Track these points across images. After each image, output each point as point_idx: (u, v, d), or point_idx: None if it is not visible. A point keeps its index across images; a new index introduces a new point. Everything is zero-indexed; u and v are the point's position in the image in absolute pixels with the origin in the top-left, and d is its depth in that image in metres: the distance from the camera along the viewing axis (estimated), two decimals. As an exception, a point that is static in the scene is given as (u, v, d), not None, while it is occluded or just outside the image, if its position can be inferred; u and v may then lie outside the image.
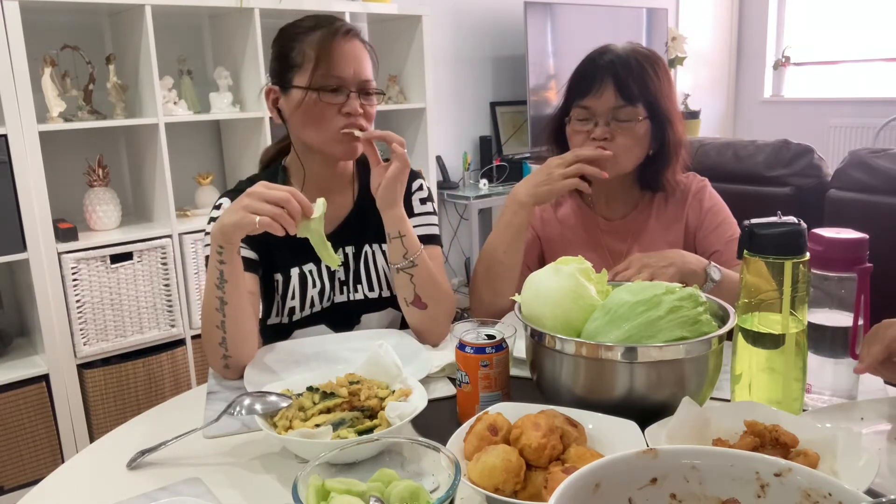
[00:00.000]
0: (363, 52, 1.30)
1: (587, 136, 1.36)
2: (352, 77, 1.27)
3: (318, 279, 1.35)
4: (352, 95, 1.27)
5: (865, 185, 1.84)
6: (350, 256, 1.38)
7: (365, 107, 1.28)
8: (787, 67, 5.04)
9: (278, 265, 1.34)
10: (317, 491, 0.65)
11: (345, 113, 1.26)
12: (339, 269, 1.37)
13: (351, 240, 1.38)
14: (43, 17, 2.41)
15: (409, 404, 0.93)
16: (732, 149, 2.09)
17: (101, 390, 2.33)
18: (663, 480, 0.59)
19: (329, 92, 1.26)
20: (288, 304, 1.34)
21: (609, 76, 1.33)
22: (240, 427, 1.00)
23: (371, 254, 1.39)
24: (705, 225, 1.43)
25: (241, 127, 2.76)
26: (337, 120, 1.27)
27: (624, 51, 1.37)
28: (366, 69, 1.29)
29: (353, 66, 1.27)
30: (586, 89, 1.35)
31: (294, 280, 1.34)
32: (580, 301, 0.95)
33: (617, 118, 1.34)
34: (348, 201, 1.40)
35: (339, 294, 1.38)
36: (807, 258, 0.91)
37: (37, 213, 2.18)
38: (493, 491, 0.74)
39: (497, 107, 3.94)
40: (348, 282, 1.38)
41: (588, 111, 1.36)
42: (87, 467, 0.95)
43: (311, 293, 1.35)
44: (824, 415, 0.92)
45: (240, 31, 2.64)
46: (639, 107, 1.34)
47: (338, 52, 1.26)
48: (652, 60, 1.37)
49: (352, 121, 1.27)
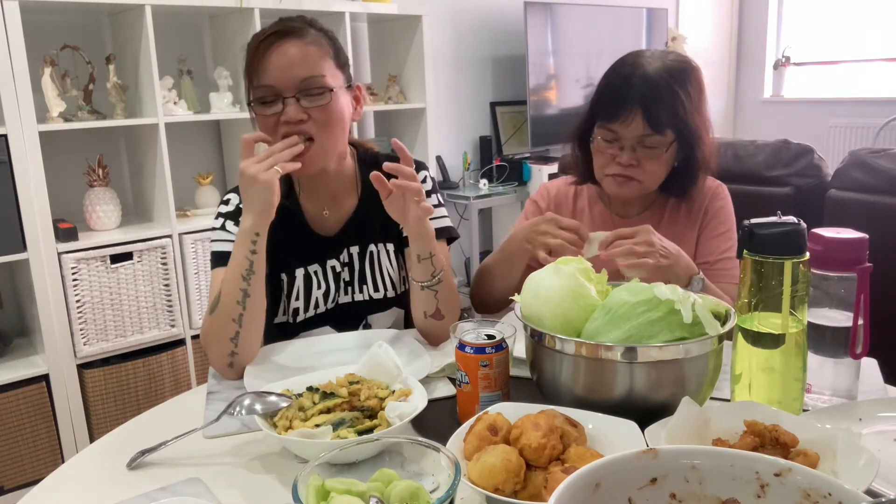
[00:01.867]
0: (302, 50, 1.20)
1: (612, 159, 1.33)
2: (286, 82, 1.18)
3: (323, 280, 1.34)
4: (287, 102, 1.18)
5: (865, 185, 1.84)
6: (355, 256, 1.36)
7: (311, 110, 1.19)
8: (787, 67, 5.04)
9: (283, 265, 1.32)
10: (317, 491, 0.65)
11: (283, 121, 1.19)
12: (344, 271, 1.35)
13: (356, 240, 1.36)
14: (43, 17, 2.41)
15: (409, 404, 0.93)
16: (732, 149, 2.09)
17: (101, 390, 2.33)
18: (663, 480, 0.59)
19: (262, 104, 1.20)
20: (292, 305, 1.33)
21: (638, 105, 1.27)
22: (240, 427, 1.00)
23: (376, 253, 1.37)
24: (708, 229, 1.42)
25: (241, 127, 2.75)
26: (279, 130, 1.20)
27: (655, 72, 1.29)
28: (305, 67, 1.19)
29: (286, 70, 1.18)
30: (614, 114, 1.30)
31: (299, 281, 1.33)
32: (580, 301, 0.95)
33: (644, 144, 1.30)
34: (352, 201, 1.36)
35: (343, 295, 1.36)
36: (807, 258, 0.91)
37: (37, 213, 2.18)
38: (493, 491, 0.74)
39: (497, 107, 3.94)
40: (353, 283, 1.36)
41: (614, 134, 1.32)
42: (87, 467, 0.95)
43: (316, 294, 1.33)
44: (824, 415, 0.92)
45: (240, 31, 2.64)
46: (667, 133, 1.29)
47: (264, 61, 1.19)
48: (683, 78, 1.31)
49: (291, 129, 1.19)
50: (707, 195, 1.43)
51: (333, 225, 1.35)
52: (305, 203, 1.35)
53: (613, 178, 1.34)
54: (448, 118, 3.76)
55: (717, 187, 1.45)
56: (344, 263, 1.36)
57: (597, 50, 4.02)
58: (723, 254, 1.39)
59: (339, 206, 1.35)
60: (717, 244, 1.40)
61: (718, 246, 1.40)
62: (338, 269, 1.35)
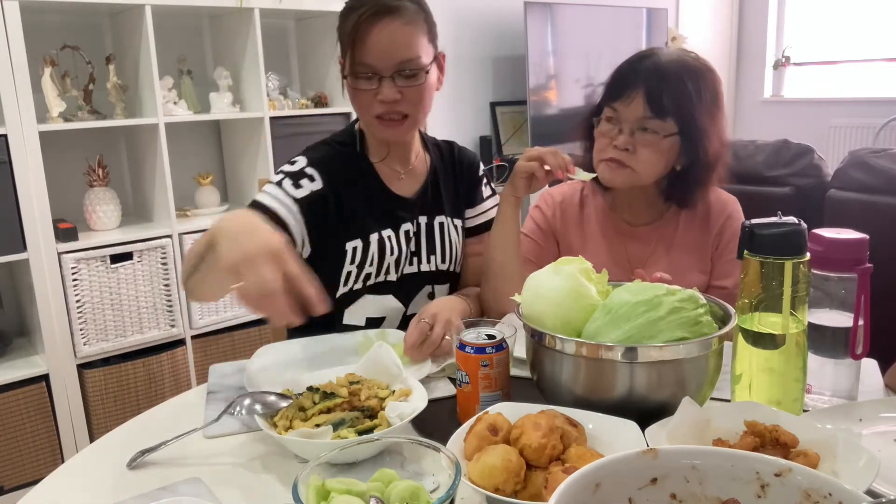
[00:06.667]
0: (401, 31, 1.24)
1: (609, 142, 1.31)
2: (385, 62, 1.23)
3: (396, 246, 1.36)
4: (384, 82, 1.24)
5: (865, 185, 1.84)
6: (422, 227, 1.39)
7: (405, 90, 1.26)
8: (787, 67, 5.04)
9: (356, 231, 1.33)
10: (317, 491, 0.65)
11: (379, 100, 1.25)
12: (412, 240, 1.38)
13: (425, 210, 1.40)
14: (43, 17, 2.41)
15: (409, 404, 0.93)
16: (732, 149, 2.08)
17: (101, 390, 2.33)
18: (663, 480, 0.59)
19: (362, 79, 1.26)
20: (365, 271, 1.34)
21: (641, 83, 1.27)
22: (240, 427, 1.00)
23: (446, 226, 1.41)
24: (725, 252, 1.38)
25: (241, 127, 2.76)
26: (374, 106, 1.26)
27: (668, 58, 1.29)
28: (404, 50, 1.24)
29: (386, 51, 1.23)
30: (618, 92, 1.30)
31: (373, 247, 1.34)
32: (580, 301, 0.95)
33: (643, 128, 1.28)
34: (421, 172, 1.42)
35: (408, 266, 1.39)
36: (807, 258, 0.91)
37: (37, 213, 2.18)
38: (494, 491, 0.74)
39: (497, 107, 3.94)
40: (419, 253, 1.39)
41: (616, 114, 1.31)
42: (87, 467, 0.95)
43: (389, 260, 1.35)
44: (824, 415, 0.92)
45: (240, 31, 2.64)
46: (668, 122, 1.27)
47: (368, 39, 1.22)
48: (697, 73, 1.29)
49: (387, 108, 1.26)
50: (723, 213, 1.40)
51: (410, 187, 1.40)
52: (381, 166, 1.39)
53: (607, 164, 1.32)
54: (448, 118, 3.76)
55: (732, 204, 1.42)
56: (414, 232, 1.39)
57: (597, 50, 4.02)
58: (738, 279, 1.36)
59: (414, 171, 1.41)
60: (734, 269, 1.35)
61: (734, 271, 1.35)
62: (411, 234, 1.38)
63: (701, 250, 1.39)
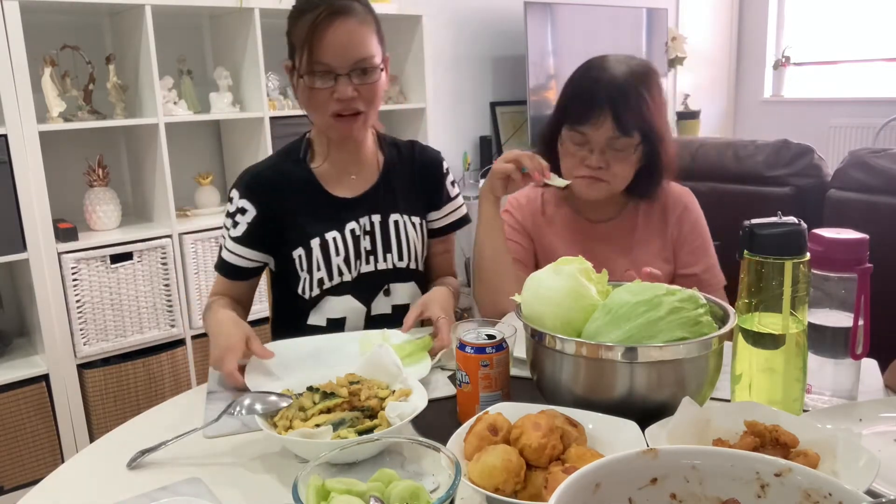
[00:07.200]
0: (356, 31, 1.27)
1: (581, 161, 1.34)
2: (341, 60, 1.26)
3: (342, 246, 1.37)
4: (340, 80, 1.27)
5: (865, 185, 1.83)
6: (377, 225, 1.40)
7: (360, 88, 1.28)
8: (787, 67, 5.04)
9: (299, 239, 1.36)
10: (317, 491, 0.65)
11: (336, 98, 1.28)
12: (366, 239, 1.39)
13: (378, 208, 1.41)
14: (43, 17, 2.41)
15: (409, 404, 0.93)
16: (732, 149, 2.09)
17: (101, 390, 2.33)
18: (663, 480, 0.59)
19: (318, 78, 1.27)
20: (315, 277, 1.36)
21: (607, 107, 1.30)
22: (240, 427, 1.00)
23: (401, 224, 1.42)
24: (687, 242, 1.44)
25: (241, 127, 2.76)
26: (330, 105, 1.29)
27: (622, 75, 1.32)
28: (359, 49, 1.27)
29: (343, 49, 1.26)
30: (584, 117, 1.32)
31: (316, 251, 1.36)
32: (580, 301, 0.95)
33: (613, 147, 1.32)
34: (373, 172, 1.43)
35: (364, 265, 1.39)
36: (807, 258, 0.91)
37: (37, 213, 2.18)
38: (494, 491, 0.74)
39: (497, 107, 3.94)
40: (375, 251, 1.40)
41: (584, 137, 1.33)
42: (87, 467, 0.95)
43: (336, 261, 1.37)
44: (824, 415, 0.92)
45: (240, 31, 2.64)
46: (634, 136, 1.32)
47: (324, 38, 1.25)
48: (647, 80, 1.34)
49: (343, 105, 1.28)
50: (679, 203, 1.45)
51: (358, 188, 1.41)
52: (328, 167, 1.41)
53: (583, 179, 1.36)
54: (448, 118, 3.76)
55: (687, 195, 1.47)
56: (365, 231, 1.40)
57: (597, 50, 3.95)
58: (707, 264, 1.43)
59: (365, 172, 1.42)
60: (700, 256, 1.43)
61: (700, 258, 1.43)
62: (357, 232, 1.38)
63: (662, 240, 1.45)
